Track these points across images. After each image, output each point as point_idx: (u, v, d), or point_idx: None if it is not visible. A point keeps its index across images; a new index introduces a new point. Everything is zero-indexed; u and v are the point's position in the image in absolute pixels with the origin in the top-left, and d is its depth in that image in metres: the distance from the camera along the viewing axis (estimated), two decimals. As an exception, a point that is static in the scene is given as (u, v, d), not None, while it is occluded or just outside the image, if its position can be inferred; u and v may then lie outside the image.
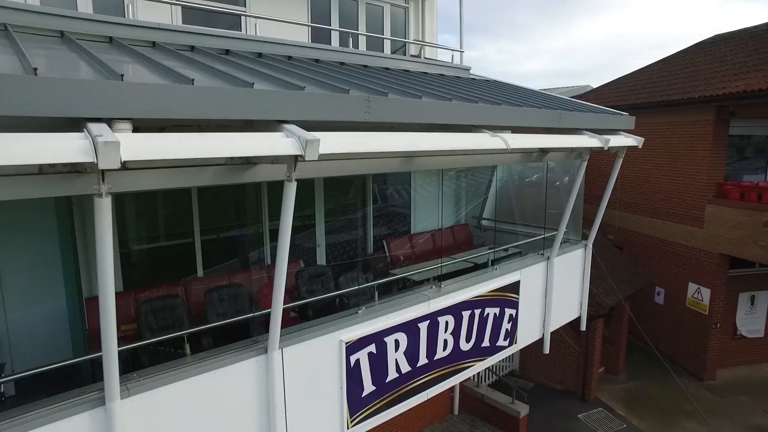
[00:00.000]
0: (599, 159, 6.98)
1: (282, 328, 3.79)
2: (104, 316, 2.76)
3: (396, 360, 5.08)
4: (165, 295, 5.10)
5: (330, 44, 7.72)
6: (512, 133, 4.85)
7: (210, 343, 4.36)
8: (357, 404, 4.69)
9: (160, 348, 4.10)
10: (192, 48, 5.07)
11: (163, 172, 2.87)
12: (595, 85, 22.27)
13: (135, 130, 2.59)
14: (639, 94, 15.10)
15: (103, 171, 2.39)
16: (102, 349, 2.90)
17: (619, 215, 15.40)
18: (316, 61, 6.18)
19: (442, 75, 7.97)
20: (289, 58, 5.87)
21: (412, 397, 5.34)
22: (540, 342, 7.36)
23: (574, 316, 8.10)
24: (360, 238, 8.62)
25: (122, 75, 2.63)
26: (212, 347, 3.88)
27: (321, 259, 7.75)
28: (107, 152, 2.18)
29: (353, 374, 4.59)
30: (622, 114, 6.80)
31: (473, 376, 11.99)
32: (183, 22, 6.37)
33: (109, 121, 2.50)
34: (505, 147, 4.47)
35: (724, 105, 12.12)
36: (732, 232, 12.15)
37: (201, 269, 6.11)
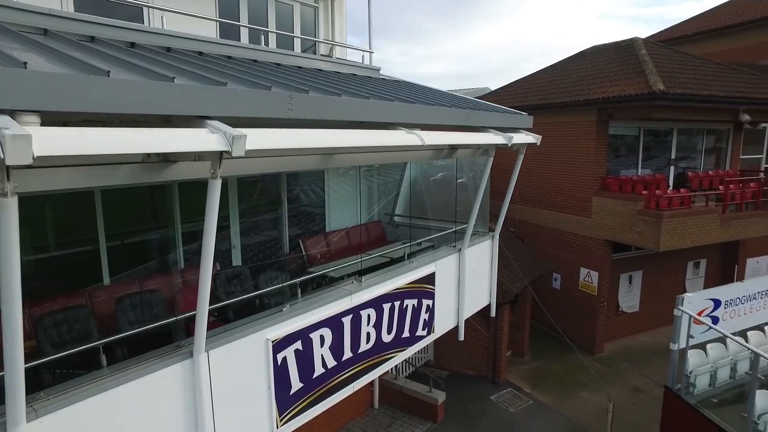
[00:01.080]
0: (500, 157, 7.50)
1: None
2: (8, 330, 2.52)
3: (322, 355, 5.12)
4: (68, 307, 4.69)
5: (240, 41, 7.53)
6: (424, 130, 5.10)
7: (125, 354, 4.10)
8: (285, 403, 4.67)
9: (63, 369, 3.77)
10: (92, 38, 4.72)
11: (76, 170, 2.69)
12: (493, 87, 23.74)
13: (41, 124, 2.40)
14: (533, 96, 16.38)
15: (8, 168, 2.20)
16: (5, 367, 2.64)
17: (519, 209, 16.58)
18: (228, 57, 6.01)
19: (354, 75, 8.10)
20: (200, 53, 5.66)
21: (339, 391, 5.41)
22: (454, 331, 7.77)
23: (485, 303, 8.64)
24: (275, 237, 8.50)
25: (25, 63, 2.43)
26: (127, 358, 3.66)
27: (237, 260, 7.55)
28: (16, 146, 2.02)
29: (281, 372, 4.56)
30: (522, 114, 7.38)
31: (392, 369, 12.30)
32: (75, 10, 5.89)
33: (12, 113, 2.29)
34: (421, 143, 4.69)
35: (604, 107, 13.55)
36: (614, 221, 13.63)
37: (107, 276, 5.69)
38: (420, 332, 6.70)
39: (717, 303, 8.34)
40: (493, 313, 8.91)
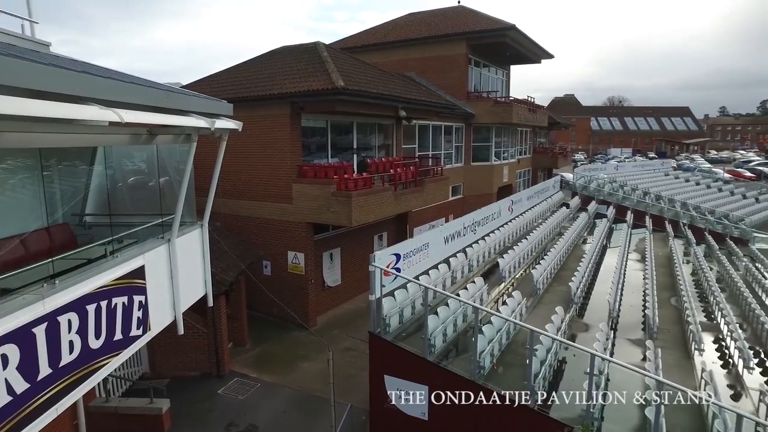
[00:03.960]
0: (200, 152, 7.44)
1: None
2: None
3: (6, 380, 4.21)
4: None
5: None
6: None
7: None
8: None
9: None
10: None
11: None
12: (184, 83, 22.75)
13: None
14: (230, 90, 16.55)
15: None
16: None
17: (224, 203, 16.59)
18: None
19: (11, 45, 6.68)
20: None
21: (39, 418, 4.55)
22: (173, 328, 7.39)
23: (201, 293, 8.47)
24: None
25: None
26: None
27: None
28: None
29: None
30: (223, 101, 7.49)
31: (100, 392, 10.76)
32: None
33: None
34: (119, 120, 4.34)
35: (296, 101, 14.82)
36: (313, 204, 15.14)
37: None
38: (135, 332, 6.16)
39: (398, 256, 10.43)
40: (210, 303, 8.80)
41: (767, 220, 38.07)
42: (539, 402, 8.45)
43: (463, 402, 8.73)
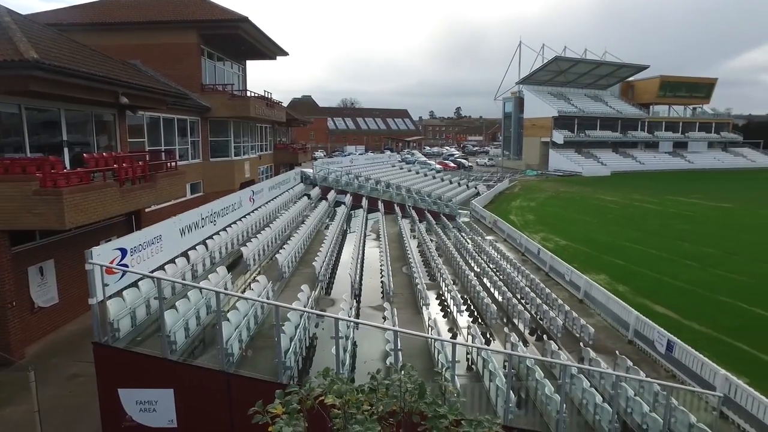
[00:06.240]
0: None
1: None
2: None
3: None
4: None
5: None
6: None
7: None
8: None
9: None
10: None
11: None
12: None
13: None
14: None
15: None
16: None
17: None
18: None
19: None
20: None
21: None
22: None
23: None
24: None
25: None
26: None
27: None
28: None
29: None
30: None
31: None
32: None
33: None
34: None
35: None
36: (6, 206, 12.10)
37: None
38: None
39: (124, 252, 9.10)
40: None
41: (467, 199, 47.56)
42: (295, 376, 8.58)
43: (216, 395, 8.23)
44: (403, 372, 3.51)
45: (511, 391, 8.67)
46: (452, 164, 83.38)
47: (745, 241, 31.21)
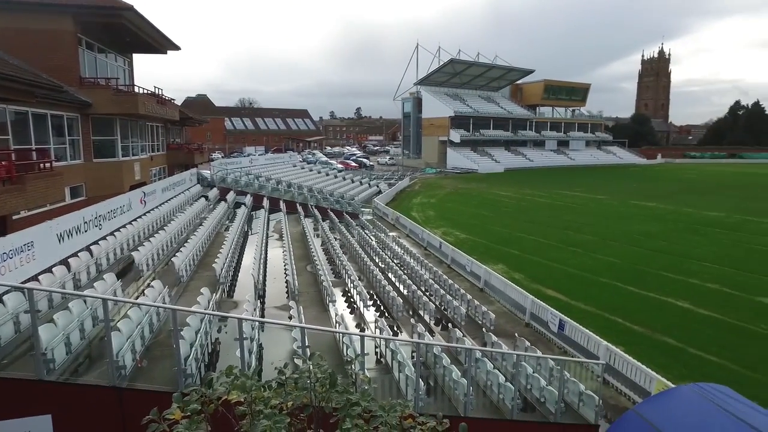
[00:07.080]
0: None
1: None
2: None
3: None
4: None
5: None
6: None
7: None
8: None
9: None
10: None
11: None
12: None
13: None
14: None
15: None
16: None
17: None
18: None
19: None
20: None
21: None
22: None
23: None
24: None
25: None
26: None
27: None
28: None
29: None
30: None
31: None
32: None
33: None
34: None
35: None
36: None
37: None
38: None
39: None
40: None
41: (369, 198, 48.02)
42: (198, 384, 8.00)
43: (106, 413, 7.44)
44: (312, 361, 3.37)
45: (420, 380, 8.84)
46: (354, 163, 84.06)
47: (618, 229, 34.86)
